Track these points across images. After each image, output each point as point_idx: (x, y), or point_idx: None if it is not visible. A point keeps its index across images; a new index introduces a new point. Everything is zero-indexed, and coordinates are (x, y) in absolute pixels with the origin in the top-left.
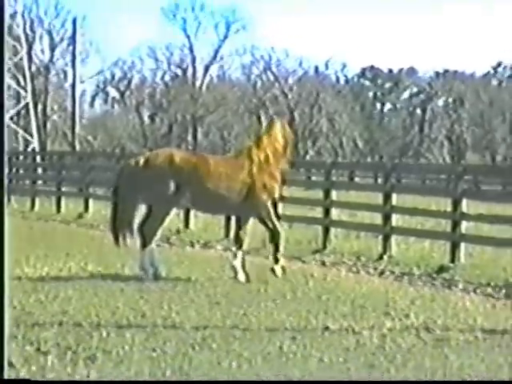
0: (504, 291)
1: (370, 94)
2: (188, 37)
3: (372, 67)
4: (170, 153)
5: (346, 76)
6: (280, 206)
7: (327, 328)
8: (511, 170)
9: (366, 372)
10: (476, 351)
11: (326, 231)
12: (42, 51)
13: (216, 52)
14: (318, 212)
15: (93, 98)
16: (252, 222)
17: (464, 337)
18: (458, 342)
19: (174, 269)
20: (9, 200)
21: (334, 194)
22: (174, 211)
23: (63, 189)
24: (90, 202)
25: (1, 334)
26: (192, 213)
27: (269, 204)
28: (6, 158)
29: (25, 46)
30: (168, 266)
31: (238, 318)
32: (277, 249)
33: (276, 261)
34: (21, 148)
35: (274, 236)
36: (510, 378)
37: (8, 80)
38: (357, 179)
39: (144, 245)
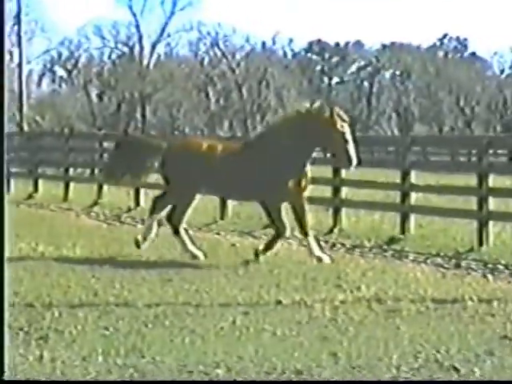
0: (454, 261)
1: (318, 67)
2: (134, 14)
3: (319, 41)
4: (198, 141)
5: (293, 50)
6: None
7: (279, 302)
8: (459, 140)
9: (318, 343)
10: (427, 321)
11: None
12: None
13: (163, 29)
14: None
15: (40, 78)
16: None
17: (415, 307)
18: (409, 312)
19: (125, 247)
20: None
21: None
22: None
23: (12, 170)
24: (40, 182)
25: (1, 333)
26: (142, 191)
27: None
28: (5, 157)
29: None
30: (120, 244)
31: (190, 294)
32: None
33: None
34: None
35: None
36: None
37: None
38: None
39: (176, 231)
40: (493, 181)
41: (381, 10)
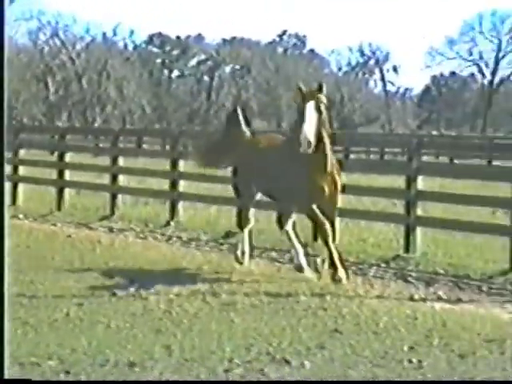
0: (288, 255)
1: (158, 60)
2: None
3: (160, 34)
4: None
5: (134, 42)
6: (67, 173)
7: (114, 294)
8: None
9: (152, 336)
10: (260, 315)
11: (114, 198)
12: None
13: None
14: (106, 179)
15: None
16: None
17: (249, 300)
18: (243, 306)
19: None
20: None
21: (121, 161)
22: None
23: None
24: None
25: (1, 333)
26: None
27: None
28: (5, 156)
29: None
30: None
31: (24, 285)
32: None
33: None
34: None
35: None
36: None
37: None
38: (145, 146)
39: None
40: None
41: (222, 4)
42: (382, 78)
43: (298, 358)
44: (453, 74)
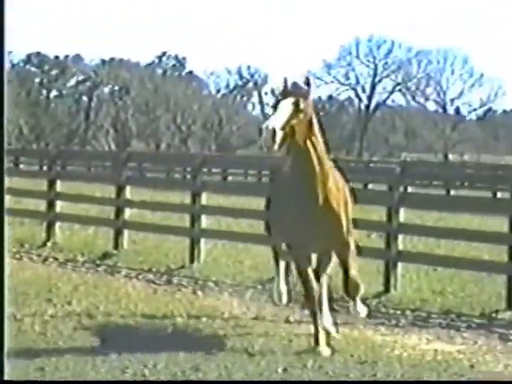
0: (165, 277)
1: (37, 80)
2: None
3: (38, 53)
4: None
5: (11, 62)
6: None
7: None
8: (174, 157)
9: (25, 357)
10: (136, 336)
11: None
12: None
13: None
14: None
15: None
16: None
17: (125, 321)
18: (118, 327)
19: None
20: None
21: None
22: None
23: None
24: None
25: (1, 333)
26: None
27: None
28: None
29: None
30: None
31: None
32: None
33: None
34: None
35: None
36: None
37: None
38: (22, 166)
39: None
40: (206, 199)
41: (101, 25)
42: (261, 101)
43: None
44: (330, 97)
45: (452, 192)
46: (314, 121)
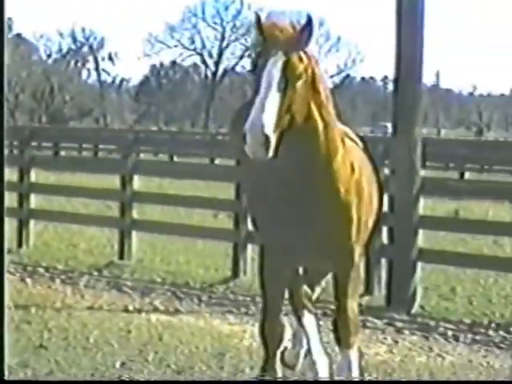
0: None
1: None
2: None
3: None
4: None
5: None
6: None
7: None
8: None
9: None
10: None
11: None
12: None
13: None
14: None
15: None
16: None
17: None
18: None
19: None
20: None
21: None
22: None
23: None
24: None
25: (1, 333)
26: None
27: None
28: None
29: None
30: None
31: None
32: None
33: None
34: None
35: None
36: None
37: None
38: None
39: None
40: (35, 175)
41: None
42: (97, 67)
43: None
44: (174, 63)
45: None
46: (319, 76)
